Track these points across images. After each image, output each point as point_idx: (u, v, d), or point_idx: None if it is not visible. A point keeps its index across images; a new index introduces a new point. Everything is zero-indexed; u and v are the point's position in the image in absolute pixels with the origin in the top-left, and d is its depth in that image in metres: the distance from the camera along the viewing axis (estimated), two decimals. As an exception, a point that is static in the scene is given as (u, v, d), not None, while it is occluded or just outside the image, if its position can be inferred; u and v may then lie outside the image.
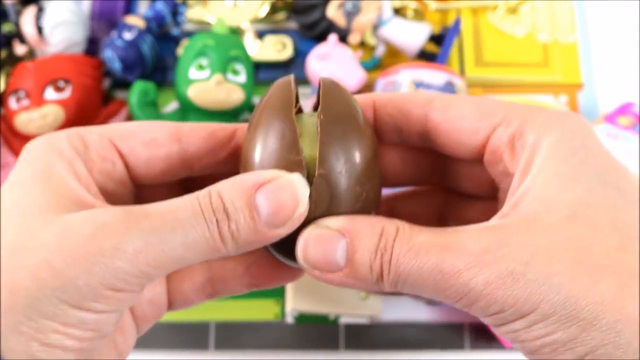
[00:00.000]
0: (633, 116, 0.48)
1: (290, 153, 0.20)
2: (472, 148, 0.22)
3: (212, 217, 0.19)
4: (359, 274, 0.19)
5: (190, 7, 0.58)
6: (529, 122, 0.20)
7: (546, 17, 0.57)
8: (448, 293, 0.18)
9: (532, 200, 0.18)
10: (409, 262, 0.18)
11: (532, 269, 0.17)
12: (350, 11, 0.53)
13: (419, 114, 0.23)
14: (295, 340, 0.47)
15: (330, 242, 0.20)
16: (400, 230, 0.19)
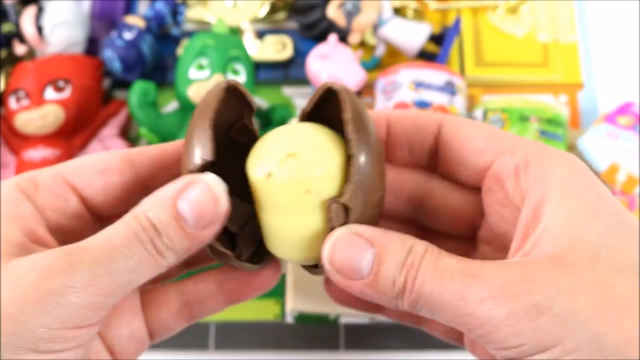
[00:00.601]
0: (633, 116, 0.48)
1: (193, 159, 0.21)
2: (473, 170, 0.22)
3: (145, 237, 0.19)
4: (380, 287, 0.19)
5: (190, 7, 0.58)
6: (536, 154, 0.21)
7: (546, 17, 0.57)
8: (467, 320, 0.18)
9: (554, 237, 0.19)
10: (434, 283, 0.18)
11: (558, 304, 0.17)
12: (350, 11, 0.53)
13: (433, 129, 0.23)
14: (295, 340, 0.47)
15: (358, 249, 0.20)
16: (429, 251, 0.19)
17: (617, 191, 0.46)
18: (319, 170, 0.21)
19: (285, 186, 0.21)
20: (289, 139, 0.22)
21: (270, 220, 0.22)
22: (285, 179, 0.21)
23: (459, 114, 0.48)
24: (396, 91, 0.48)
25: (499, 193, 0.21)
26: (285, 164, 0.21)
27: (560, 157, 0.20)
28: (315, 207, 0.21)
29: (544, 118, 0.47)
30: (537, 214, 0.19)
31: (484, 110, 0.49)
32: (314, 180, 0.21)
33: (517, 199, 0.21)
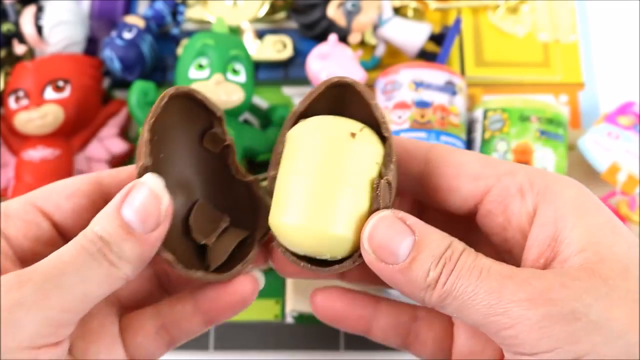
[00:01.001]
0: (634, 115, 0.48)
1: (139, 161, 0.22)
2: (468, 195, 0.22)
3: (93, 249, 0.20)
4: (413, 274, 0.19)
5: (190, 6, 0.58)
6: (538, 176, 0.21)
7: (547, 16, 0.57)
8: (498, 319, 0.18)
9: (580, 251, 0.19)
10: (470, 278, 0.19)
11: (594, 312, 0.17)
12: (351, 11, 0.53)
13: (421, 155, 0.23)
14: (295, 340, 0.47)
15: (399, 233, 0.20)
16: (468, 249, 0.20)
17: (618, 191, 0.46)
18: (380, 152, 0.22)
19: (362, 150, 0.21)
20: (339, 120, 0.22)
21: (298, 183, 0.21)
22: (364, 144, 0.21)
23: (459, 114, 0.48)
24: (396, 91, 0.48)
25: (500, 216, 0.21)
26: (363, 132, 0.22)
27: (563, 179, 0.21)
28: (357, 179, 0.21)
29: (544, 118, 0.47)
30: (556, 231, 0.20)
31: (484, 110, 0.49)
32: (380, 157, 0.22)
33: (524, 219, 0.21)
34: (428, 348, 0.25)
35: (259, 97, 0.54)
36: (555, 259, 0.20)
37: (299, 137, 0.22)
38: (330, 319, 0.25)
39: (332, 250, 0.21)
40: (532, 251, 0.20)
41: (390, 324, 0.25)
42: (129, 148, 0.51)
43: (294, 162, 0.22)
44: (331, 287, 0.25)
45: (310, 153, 0.21)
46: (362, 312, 0.25)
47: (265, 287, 0.48)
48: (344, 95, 0.22)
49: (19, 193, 0.46)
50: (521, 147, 0.46)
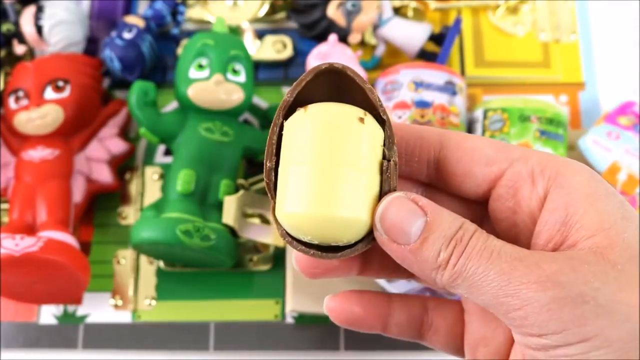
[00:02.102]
0: (634, 115, 0.48)
1: None
2: (482, 180, 0.22)
3: None
4: (424, 254, 0.20)
5: (190, 6, 0.58)
6: (550, 161, 0.21)
7: (547, 16, 0.57)
8: (507, 300, 0.18)
9: (591, 236, 0.19)
10: (480, 260, 0.19)
11: (602, 295, 0.18)
12: (351, 11, 0.53)
13: (435, 140, 0.23)
14: (295, 341, 0.46)
15: (412, 213, 0.20)
16: (479, 231, 0.20)
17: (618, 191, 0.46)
18: (382, 135, 0.22)
19: (370, 134, 0.21)
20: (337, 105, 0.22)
21: (307, 171, 0.21)
22: (371, 127, 0.21)
23: (459, 114, 0.48)
24: (396, 91, 0.48)
25: (511, 200, 0.22)
26: (367, 117, 0.22)
27: (574, 164, 0.21)
28: (367, 162, 0.21)
29: (544, 118, 0.47)
30: (566, 215, 0.20)
31: (484, 110, 0.49)
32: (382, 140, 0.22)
33: (534, 204, 0.21)
34: (441, 336, 0.25)
35: (259, 97, 0.54)
36: (564, 243, 0.20)
37: (301, 124, 0.22)
38: (348, 322, 0.25)
39: (345, 233, 0.21)
40: (542, 235, 0.20)
41: (404, 318, 0.26)
42: (129, 148, 0.51)
43: (298, 150, 0.21)
44: (345, 292, 0.25)
45: (315, 139, 0.21)
46: (378, 312, 0.25)
47: (265, 287, 0.48)
48: (338, 81, 0.22)
49: (19, 193, 0.46)
50: (521, 147, 0.46)
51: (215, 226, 0.44)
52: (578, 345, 0.18)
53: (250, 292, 0.48)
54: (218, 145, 0.46)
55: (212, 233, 0.43)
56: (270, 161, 0.22)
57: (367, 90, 0.22)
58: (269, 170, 0.22)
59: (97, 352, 0.47)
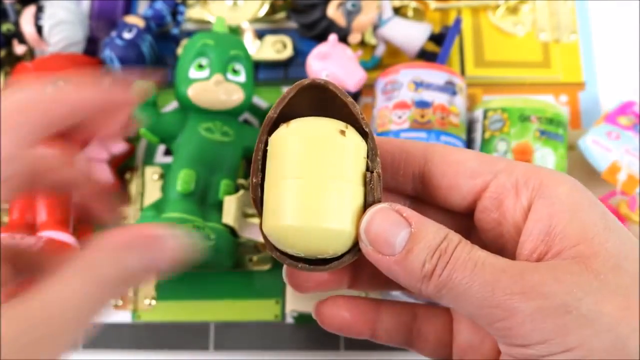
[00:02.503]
0: (634, 115, 0.48)
1: None
2: (467, 192, 0.22)
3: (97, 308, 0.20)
4: (409, 266, 0.20)
5: (190, 6, 0.58)
6: (534, 173, 0.21)
7: (547, 16, 0.57)
8: (492, 311, 0.18)
9: (574, 245, 0.19)
10: (465, 271, 0.19)
11: (585, 305, 0.18)
12: (351, 10, 0.53)
13: (419, 154, 0.23)
14: (295, 341, 0.46)
15: (396, 225, 0.20)
16: (464, 241, 0.20)
17: (618, 191, 0.46)
18: (364, 146, 0.22)
19: (352, 146, 0.21)
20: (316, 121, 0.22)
21: (292, 185, 0.21)
22: (352, 139, 0.22)
23: (459, 114, 0.48)
24: (396, 91, 0.48)
25: (495, 212, 0.22)
26: (349, 129, 0.22)
27: (558, 175, 0.21)
28: (351, 174, 0.21)
29: (544, 118, 0.47)
30: (550, 226, 0.20)
31: (484, 110, 0.49)
32: (365, 151, 0.22)
33: (518, 215, 0.21)
34: (430, 344, 0.25)
35: (259, 97, 0.54)
36: (548, 253, 0.20)
37: (284, 140, 0.22)
38: (337, 327, 0.26)
39: (332, 245, 0.21)
40: (526, 246, 0.21)
41: (393, 324, 0.26)
42: (129, 148, 0.51)
43: (282, 164, 0.21)
44: (334, 297, 0.25)
45: (298, 154, 0.21)
46: (366, 317, 0.25)
47: (265, 287, 0.48)
48: (321, 96, 0.22)
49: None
50: (521, 147, 0.46)
51: (215, 226, 0.44)
52: (561, 355, 0.18)
53: (250, 292, 0.48)
54: (218, 145, 0.46)
55: (212, 233, 0.43)
56: (256, 177, 0.22)
57: (350, 104, 0.22)
58: (255, 186, 0.23)
59: (97, 351, 0.47)
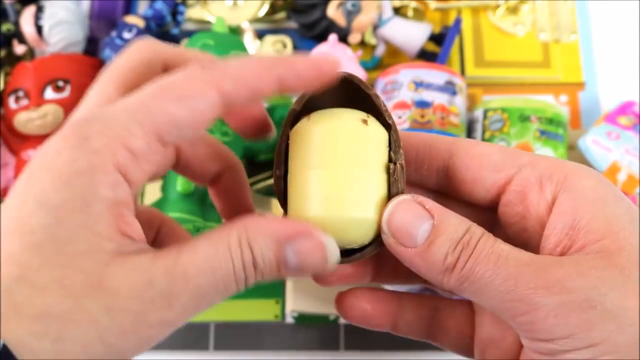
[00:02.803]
0: (634, 115, 0.48)
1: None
2: (491, 186, 0.22)
3: (241, 276, 0.19)
4: (431, 258, 0.20)
5: (190, 6, 0.58)
6: (558, 166, 0.21)
7: (547, 16, 0.57)
8: (514, 305, 0.18)
9: (599, 239, 0.19)
10: (488, 264, 0.19)
11: (609, 300, 0.18)
12: (351, 10, 0.53)
13: (444, 148, 0.23)
14: (295, 341, 0.47)
15: (418, 217, 0.20)
16: (486, 234, 0.20)
17: (618, 191, 0.46)
18: (386, 135, 0.22)
19: (375, 135, 0.21)
20: None
21: (316, 176, 0.21)
22: (375, 128, 0.22)
23: (459, 114, 0.48)
24: (396, 91, 0.48)
25: (519, 206, 0.22)
26: (370, 118, 0.22)
27: (583, 169, 0.21)
28: (373, 163, 0.21)
29: (544, 118, 0.47)
30: (574, 219, 0.20)
31: (484, 110, 0.49)
32: (387, 140, 0.22)
33: (542, 209, 0.21)
34: (451, 337, 0.25)
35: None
36: (572, 247, 0.20)
37: (306, 131, 0.22)
38: (357, 319, 0.25)
39: (356, 235, 0.21)
40: (550, 240, 0.20)
41: (414, 317, 0.26)
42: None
43: (305, 156, 0.22)
44: (355, 288, 0.25)
45: (321, 145, 0.21)
46: (387, 309, 0.25)
47: (265, 287, 0.48)
48: (343, 89, 0.22)
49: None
50: (521, 147, 0.46)
51: (215, 226, 0.44)
52: (586, 350, 0.18)
53: (250, 292, 0.48)
54: (218, 145, 0.46)
55: (212, 233, 0.43)
56: (280, 169, 0.23)
57: (373, 96, 0.22)
58: (278, 178, 0.23)
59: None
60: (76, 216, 0.17)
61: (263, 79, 0.19)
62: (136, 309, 0.17)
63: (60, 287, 0.17)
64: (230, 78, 0.19)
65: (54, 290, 0.17)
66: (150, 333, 0.18)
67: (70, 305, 0.17)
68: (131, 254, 0.18)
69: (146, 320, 0.17)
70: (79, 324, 0.17)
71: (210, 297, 0.19)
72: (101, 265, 0.17)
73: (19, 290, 0.16)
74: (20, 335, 0.16)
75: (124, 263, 0.18)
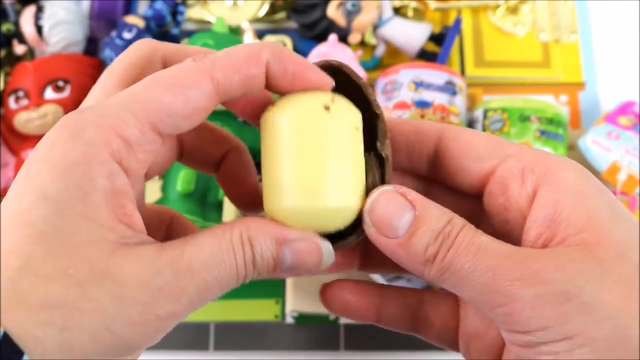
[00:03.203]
0: (634, 115, 0.48)
1: None
2: (476, 175, 0.22)
3: (242, 273, 0.19)
4: (412, 249, 0.20)
5: (190, 6, 0.58)
6: (542, 159, 0.21)
7: (547, 16, 0.57)
8: (493, 297, 0.18)
9: (579, 232, 0.19)
10: (467, 256, 0.19)
11: (586, 293, 0.18)
12: (351, 10, 0.53)
13: (433, 135, 0.23)
14: (295, 341, 0.46)
15: (400, 207, 0.20)
16: (468, 226, 0.20)
17: (618, 191, 0.46)
18: (358, 117, 0.22)
19: (340, 120, 0.21)
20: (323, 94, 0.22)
21: (304, 165, 0.21)
22: (340, 113, 0.21)
23: (459, 114, 0.48)
24: (396, 91, 0.48)
25: (501, 197, 0.22)
26: (335, 102, 0.21)
27: (566, 162, 0.21)
28: (343, 149, 0.21)
29: (544, 118, 0.47)
30: (555, 212, 0.20)
31: (484, 110, 0.49)
32: (359, 122, 0.22)
33: (523, 202, 0.21)
34: (435, 329, 0.25)
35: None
36: (553, 240, 0.20)
37: (271, 120, 0.22)
38: (341, 310, 0.25)
39: (333, 223, 0.21)
40: (531, 232, 0.20)
41: (398, 309, 0.26)
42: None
43: (273, 146, 0.22)
44: (339, 280, 0.25)
45: (288, 132, 0.21)
46: (371, 301, 0.25)
47: (265, 287, 0.48)
48: (335, 79, 0.22)
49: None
50: (521, 147, 0.46)
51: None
52: (561, 343, 0.18)
53: (250, 292, 0.48)
54: (218, 145, 0.47)
55: (212, 233, 0.43)
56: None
57: (362, 86, 0.22)
58: None
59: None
60: (75, 206, 0.17)
61: (251, 63, 0.20)
62: (144, 299, 0.17)
63: (65, 276, 0.16)
64: (220, 66, 0.20)
65: (59, 280, 0.16)
66: (158, 325, 0.18)
67: (76, 294, 0.16)
68: (134, 245, 0.18)
69: (154, 311, 0.17)
70: (86, 313, 0.16)
71: (214, 291, 0.19)
72: (105, 255, 0.17)
73: (22, 280, 0.16)
74: (24, 324, 0.16)
75: (128, 253, 0.18)
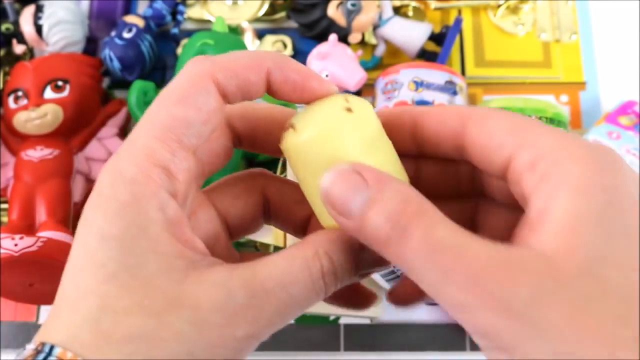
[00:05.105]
0: (634, 115, 0.48)
1: None
2: (497, 165, 0.21)
3: (320, 286, 0.19)
4: (367, 232, 0.18)
5: (190, 6, 0.57)
6: (555, 148, 0.19)
7: (547, 16, 0.57)
8: (443, 296, 0.18)
9: (549, 235, 0.18)
10: (419, 251, 0.17)
11: (529, 310, 0.16)
12: (351, 10, 0.53)
13: (457, 126, 0.22)
14: (295, 341, 0.46)
15: (354, 187, 0.19)
16: (423, 211, 0.18)
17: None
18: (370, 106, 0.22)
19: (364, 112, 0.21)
20: None
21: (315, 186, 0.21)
22: (359, 107, 0.21)
23: (460, 114, 0.48)
24: (396, 91, 0.48)
25: (518, 188, 0.20)
26: (350, 100, 0.21)
27: (583, 152, 0.19)
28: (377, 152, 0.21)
29: (544, 118, 0.47)
30: (545, 208, 0.18)
31: (484, 110, 0.49)
32: None
33: (530, 194, 0.19)
34: None
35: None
36: (530, 241, 0.18)
37: (296, 146, 0.21)
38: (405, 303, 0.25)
39: None
40: (524, 227, 0.19)
41: None
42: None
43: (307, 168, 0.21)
44: None
45: (319, 153, 0.21)
46: None
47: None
48: None
49: (18, 193, 0.46)
50: (522, 147, 0.46)
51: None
52: (497, 353, 0.17)
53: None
54: (218, 145, 0.46)
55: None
56: None
57: None
58: None
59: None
60: (138, 243, 0.18)
61: (252, 69, 0.20)
62: (220, 322, 0.18)
63: (141, 308, 0.17)
64: (220, 69, 0.20)
65: (136, 312, 0.17)
66: (237, 346, 0.18)
67: (154, 324, 0.17)
68: (204, 268, 0.19)
69: (232, 333, 0.18)
70: (166, 341, 0.17)
71: (292, 309, 0.19)
72: (176, 283, 0.18)
73: (103, 318, 0.17)
74: (112, 358, 0.17)
75: (199, 278, 0.18)
